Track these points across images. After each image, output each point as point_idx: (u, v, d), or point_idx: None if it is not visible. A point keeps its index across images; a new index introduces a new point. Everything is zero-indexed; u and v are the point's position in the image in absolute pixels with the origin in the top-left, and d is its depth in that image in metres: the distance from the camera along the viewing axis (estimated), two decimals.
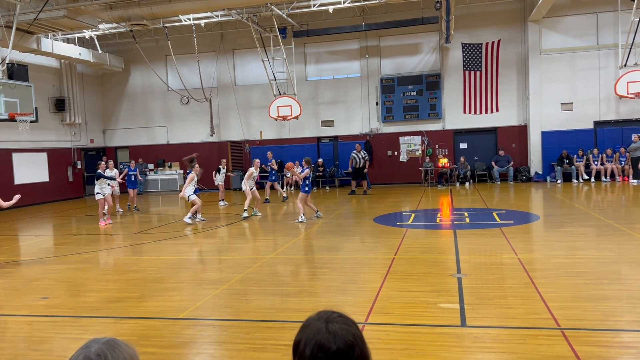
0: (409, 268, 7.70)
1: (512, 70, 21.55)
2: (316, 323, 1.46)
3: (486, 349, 4.58)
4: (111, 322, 5.85)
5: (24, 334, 5.58)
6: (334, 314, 1.49)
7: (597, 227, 10.43)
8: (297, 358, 1.45)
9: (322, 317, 1.48)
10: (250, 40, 21.43)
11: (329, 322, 1.45)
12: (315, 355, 1.39)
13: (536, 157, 21.36)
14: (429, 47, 22.47)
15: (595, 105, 20.65)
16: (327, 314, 1.49)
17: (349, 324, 1.47)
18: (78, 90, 23.55)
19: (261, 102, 23.28)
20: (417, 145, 22.64)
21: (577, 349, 4.36)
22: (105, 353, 1.31)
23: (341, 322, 1.46)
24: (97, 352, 1.31)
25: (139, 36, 21.84)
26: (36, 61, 20.60)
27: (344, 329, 1.44)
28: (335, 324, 1.45)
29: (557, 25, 20.86)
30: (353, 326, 1.47)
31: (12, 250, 11.24)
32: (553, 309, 5.42)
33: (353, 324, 1.48)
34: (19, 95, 13.31)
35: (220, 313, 6.06)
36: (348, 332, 1.44)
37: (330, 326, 1.44)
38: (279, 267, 8.29)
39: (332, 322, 1.45)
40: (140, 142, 25.23)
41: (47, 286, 7.68)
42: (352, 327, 1.47)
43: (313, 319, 1.49)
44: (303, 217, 12.94)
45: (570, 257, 7.97)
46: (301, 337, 1.46)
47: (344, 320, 1.48)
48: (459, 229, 10.96)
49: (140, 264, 9.11)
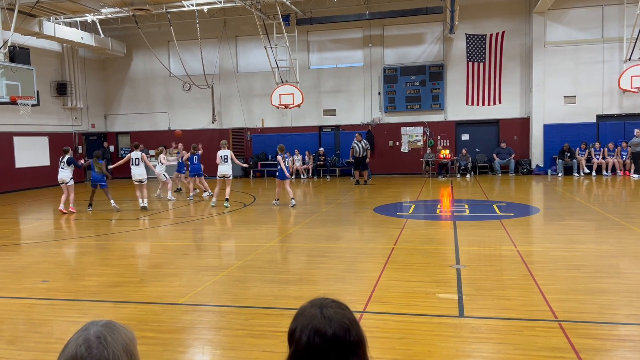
0: (408, 258, 7.72)
1: (515, 62, 21.44)
2: (310, 310, 1.47)
3: (483, 339, 4.61)
4: (111, 306, 5.88)
5: (23, 317, 5.62)
6: (327, 300, 1.50)
7: (596, 221, 10.44)
8: (293, 346, 1.46)
9: (315, 304, 1.49)
10: (253, 27, 21.31)
11: (323, 307, 1.46)
12: (312, 340, 1.40)
13: (538, 150, 21.32)
14: (433, 37, 22.34)
15: (598, 99, 20.58)
16: (320, 301, 1.50)
17: (343, 308, 1.49)
18: (80, 74, 23.48)
19: (263, 90, 23.21)
20: (418, 136, 22.60)
21: (574, 341, 4.39)
22: (104, 335, 1.32)
23: (335, 307, 1.48)
24: (96, 334, 1.31)
25: (142, 21, 21.72)
26: (38, 44, 20.50)
27: (338, 313, 1.45)
28: (330, 309, 1.46)
29: (562, 18, 20.72)
30: (347, 310, 1.49)
31: (12, 233, 11.27)
32: (551, 301, 5.44)
33: (347, 309, 1.50)
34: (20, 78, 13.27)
35: (220, 299, 6.09)
36: (343, 316, 1.45)
37: (325, 311, 1.45)
38: (278, 255, 8.32)
39: (326, 308, 1.46)
40: (142, 128, 25.19)
41: (47, 269, 7.71)
42: (346, 311, 1.48)
43: (307, 306, 1.50)
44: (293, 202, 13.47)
45: (569, 250, 7.99)
46: (296, 325, 1.46)
47: (338, 305, 1.49)
48: (458, 220, 10.97)
49: (139, 249, 9.14)
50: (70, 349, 1.29)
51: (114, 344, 1.30)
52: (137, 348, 1.38)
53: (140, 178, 13.94)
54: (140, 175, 13.96)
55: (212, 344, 4.82)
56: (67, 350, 1.30)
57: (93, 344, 1.28)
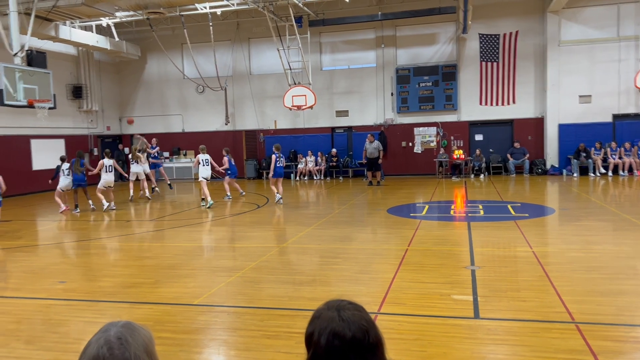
0: (422, 259, 7.70)
1: (529, 61, 21.26)
2: (327, 312, 1.47)
3: (499, 341, 4.58)
4: (126, 306, 5.94)
5: (41, 317, 5.69)
6: (343, 302, 1.51)
7: (613, 222, 10.32)
8: (311, 349, 1.46)
9: (332, 306, 1.49)
10: (265, 29, 21.38)
11: (341, 310, 1.47)
12: (331, 343, 1.41)
13: (552, 150, 21.12)
14: (446, 37, 22.24)
15: (615, 98, 20.33)
16: (336, 303, 1.50)
17: (359, 310, 1.49)
18: (95, 77, 23.75)
19: (276, 92, 23.27)
20: (431, 136, 22.50)
21: (592, 343, 4.34)
22: (125, 336, 1.33)
23: (352, 309, 1.48)
24: (117, 335, 1.33)
25: (156, 24, 21.90)
26: (54, 48, 20.76)
27: (356, 315, 1.46)
28: (347, 311, 1.47)
29: (577, 16, 20.52)
30: (364, 312, 1.49)
31: (30, 234, 11.43)
32: (567, 302, 5.38)
33: (363, 310, 1.50)
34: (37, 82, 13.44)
35: (234, 300, 6.12)
36: (361, 317, 1.46)
37: (343, 314, 1.45)
38: (292, 256, 8.33)
39: (343, 310, 1.47)
40: (156, 130, 25.38)
41: (64, 270, 7.81)
42: (363, 312, 1.49)
43: (323, 309, 1.50)
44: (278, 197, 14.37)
45: (586, 251, 7.90)
46: (314, 328, 1.47)
47: (355, 307, 1.50)
48: (473, 221, 10.91)
49: (154, 251, 9.22)
50: (91, 350, 1.30)
51: (135, 344, 1.32)
52: (155, 348, 1.40)
53: (110, 184, 14.46)
54: (111, 182, 14.50)
55: (227, 345, 4.84)
56: (88, 351, 1.31)
57: (114, 345, 1.30)
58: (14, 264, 8.67)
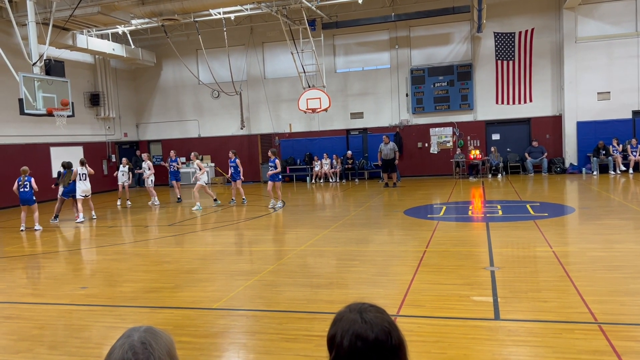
0: (440, 261, 7.65)
1: (546, 59, 21.04)
2: (349, 315, 1.48)
3: (520, 342, 4.53)
4: (147, 311, 6.00)
5: (64, 322, 5.77)
6: (365, 304, 1.51)
7: (635, 220, 10.14)
8: (334, 351, 1.46)
9: (354, 309, 1.49)
10: (279, 33, 21.46)
11: (363, 312, 1.47)
12: (354, 345, 1.41)
13: (571, 148, 20.85)
14: (460, 36, 22.11)
15: (634, 95, 20.01)
16: (358, 306, 1.51)
17: (381, 312, 1.50)
18: (112, 85, 24.06)
19: (290, 95, 23.34)
20: (448, 136, 22.36)
21: (615, 344, 4.27)
22: (148, 341, 1.35)
23: (374, 311, 1.49)
24: (141, 340, 1.35)
25: (171, 31, 22.13)
26: (72, 57, 21.09)
27: (378, 317, 1.47)
28: (369, 313, 1.47)
29: (593, 12, 20.25)
30: (386, 314, 1.50)
31: (51, 241, 11.60)
32: (589, 302, 5.30)
33: (385, 313, 1.51)
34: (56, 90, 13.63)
35: (253, 304, 6.15)
36: (383, 319, 1.46)
37: (365, 316, 1.46)
38: (309, 259, 8.34)
39: (365, 312, 1.47)
40: (173, 136, 25.63)
41: (86, 276, 7.92)
42: (385, 315, 1.49)
43: (345, 312, 1.50)
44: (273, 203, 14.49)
45: (607, 250, 7.78)
46: (336, 330, 1.47)
47: (377, 309, 1.50)
48: (491, 222, 10.81)
49: (173, 255, 9.30)
50: (116, 356, 1.32)
51: (159, 349, 1.33)
52: (176, 352, 1.42)
53: (88, 193, 14.51)
54: (88, 190, 14.53)
55: (246, 348, 4.86)
56: (113, 356, 1.33)
57: (139, 350, 1.32)
58: (36, 270, 8.82)
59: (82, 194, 14.45)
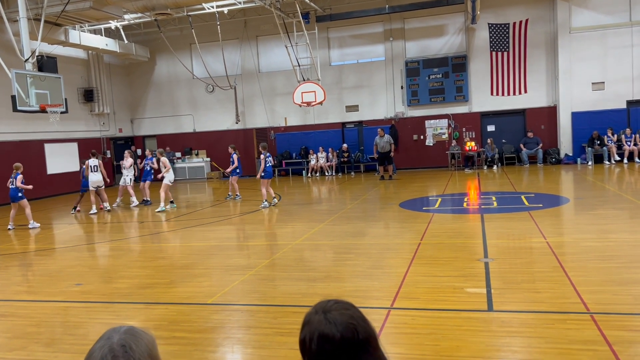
0: (435, 253, 7.67)
1: (540, 50, 21.03)
2: (315, 317, 1.45)
3: (513, 333, 4.55)
4: (142, 307, 6.00)
5: (59, 319, 5.77)
6: (329, 302, 1.48)
7: (629, 210, 10.19)
8: (306, 356, 1.44)
9: (319, 309, 1.46)
10: (273, 26, 21.37)
11: (326, 312, 1.44)
12: (322, 348, 1.39)
13: (566, 138, 20.89)
14: (455, 28, 22.07)
15: (628, 84, 20.04)
16: (322, 305, 1.47)
17: (347, 307, 1.46)
18: (105, 80, 23.94)
19: (285, 89, 23.28)
20: (443, 128, 22.37)
21: (607, 334, 4.30)
22: (128, 343, 1.31)
23: (338, 308, 1.45)
24: (120, 343, 1.31)
25: (164, 25, 22.00)
26: (65, 53, 20.96)
27: (343, 314, 1.43)
28: (333, 312, 1.44)
29: (587, 3, 20.23)
30: (352, 309, 1.46)
31: (46, 238, 11.58)
32: (582, 293, 5.34)
33: (351, 307, 1.47)
34: (49, 86, 13.56)
35: (248, 298, 6.16)
36: (348, 316, 1.43)
37: (329, 316, 1.42)
38: (305, 253, 8.35)
39: (329, 312, 1.44)
40: (167, 131, 25.56)
41: (81, 273, 7.90)
42: (351, 310, 1.45)
43: (311, 313, 1.47)
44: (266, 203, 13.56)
45: (601, 240, 7.82)
46: (305, 334, 1.44)
47: (341, 306, 1.46)
48: (486, 213, 10.84)
49: (168, 251, 9.30)
50: (95, 358, 1.29)
51: (139, 351, 1.30)
52: (158, 351, 1.39)
53: (99, 184, 14.58)
54: (99, 181, 14.58)
55: (241, 343, 4.88)
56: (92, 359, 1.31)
57: (119, 353, 1.28)
58: (31, 268, 8.81)
59: (93, 186, 14.46)
